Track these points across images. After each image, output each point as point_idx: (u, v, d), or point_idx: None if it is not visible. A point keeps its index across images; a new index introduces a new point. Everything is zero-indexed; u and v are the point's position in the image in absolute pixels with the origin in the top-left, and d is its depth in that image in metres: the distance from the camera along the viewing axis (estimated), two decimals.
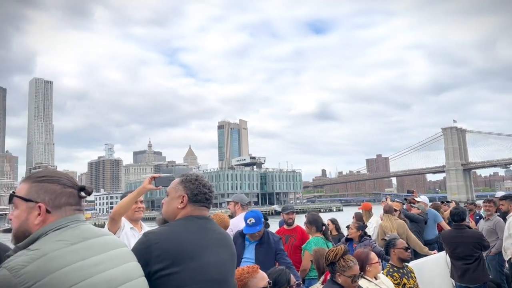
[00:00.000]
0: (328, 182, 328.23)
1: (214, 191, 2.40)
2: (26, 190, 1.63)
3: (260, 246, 4.56)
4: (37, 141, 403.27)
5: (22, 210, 1.61)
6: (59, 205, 1.62)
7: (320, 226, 5.59)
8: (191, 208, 2.25)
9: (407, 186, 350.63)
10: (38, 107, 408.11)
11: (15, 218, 1.62)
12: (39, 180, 1.64)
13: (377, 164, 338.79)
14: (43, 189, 1.62)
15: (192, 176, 2.31)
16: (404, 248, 4.76)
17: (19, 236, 1.60)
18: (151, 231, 2.16)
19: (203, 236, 2.19)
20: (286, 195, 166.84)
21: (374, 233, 7.69)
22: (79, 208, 1.69)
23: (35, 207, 1.60)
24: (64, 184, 1.66)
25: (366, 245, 5.87)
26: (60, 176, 1.69)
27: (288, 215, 6.02)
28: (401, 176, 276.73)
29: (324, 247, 5.10)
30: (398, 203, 8.77)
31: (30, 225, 1.59)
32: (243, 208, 5.50)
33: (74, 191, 1.68)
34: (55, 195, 1.62)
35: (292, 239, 5.84)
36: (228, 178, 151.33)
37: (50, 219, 1.60)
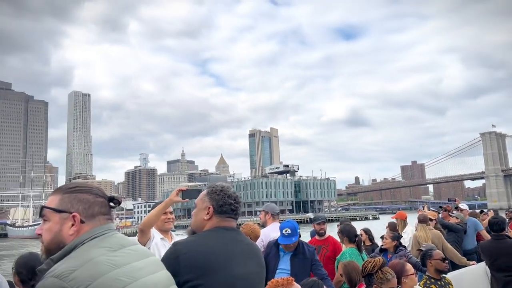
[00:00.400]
0: (362, 189, 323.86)
1: (241, 201, 2.40)
2: (58, 201, 1.63)
3: (295, 257, 4.45)
4: (76, 152, 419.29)
5: (54, 222, 1.60)
6: (92, 214, 1.64)
7: (353, 236, 5.54)
8: (217, 220, 2.26)
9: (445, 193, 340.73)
10: (77, 119, 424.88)
11: (47, 231, 1.60)
12: (71, 190, 1.66)
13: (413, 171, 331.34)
14: (76, 199, 1.63)
15: (218, 187, 2.34)
16: (442, 259, 4.62)
17: (52, 249, 1.59)
18: (180, 242, 2.19)
19: (231, 247, 2.18)
20: (321, 203, 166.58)
21: (409, 243, 7.45)
22: (110, 218, 1.72)
23: (68, 217, 1.59)
24: (96, 194, 1.69)
25: (402, 256, 5.73)
26: (91, 186, 1.73)
27: (320, 225, 5.95)
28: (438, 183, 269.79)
29: (358, 258, 5.10)
30: (434, 212, 8.55)
31: (65, 236, 1.58)
32: (274, 218, 5.43)
33: (105, 201, 1.71)
34: (89, 204, 1.64)
35: (325, 250, 5.77)
36: (262, 186, 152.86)
37: (84, 229, 1.61)
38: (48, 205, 1.63)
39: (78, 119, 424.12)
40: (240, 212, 2.37)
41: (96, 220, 1.64)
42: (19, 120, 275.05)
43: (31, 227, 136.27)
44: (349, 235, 5.52)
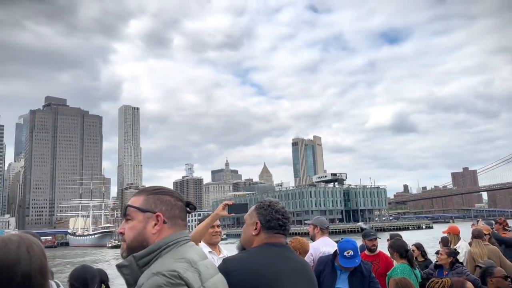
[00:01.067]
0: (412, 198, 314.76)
1: (290, 216, 2.36)
2: (142, 201, 1.69)
3: (354, 275, 4.19)
4: (126, 163, 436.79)
5: (138, 221, 1.66)
6: (173, 216, 1.68)
7: (404, 251, 5.25)
8: (265, 235, 2.23)
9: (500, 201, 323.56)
10: (127, 131, 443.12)
11: (130, 229, 1.66)
12: (155, 192, 1.72)
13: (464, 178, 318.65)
14: (160, 200, 1.68)
15: (265, 202, 2.32)
16: (503, 277, 4.26)
17: (135, 247, 1.63)
18: (230, 258, 2.18)
19: (281, 264, 2.14)
20: (371, 212, 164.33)
21: (464, 259, 6.88)
22: (185, 224, 1.74)
23: (152, 217, 1.65)
24: (176, 197, 1.73)
25: (459, 273, 5.32)
26: (171, 189, 1.77)
27: (372, 241, 5.71)
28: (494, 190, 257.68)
29: (410, 274, 4.90)
30: (487, 226, 7.90)
31: (148, 235, 1.63)
32: (323, 232, 5.24)
33: (183, 206, 1.74)
34: (171, 206, 1.69)
35: (376, 266, 5.49)
36: (311, 195, 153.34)
37: (166, 230, 1.65)
38: (132, 204, 1.69)
39: (128, 131, 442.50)
40: (289, 228, 2.33)
41: (176, 223, 1.69)
42: (76, 134, 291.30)
43: (92, 236, 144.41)
44: (400, 250, 5.27)
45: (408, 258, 5.20)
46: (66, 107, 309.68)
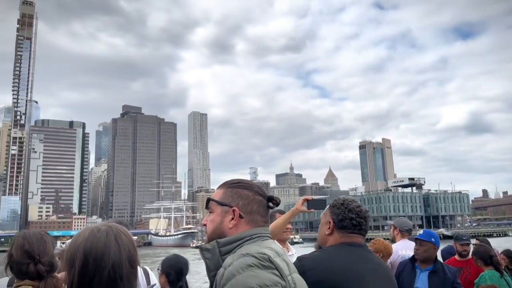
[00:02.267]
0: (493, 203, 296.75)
1: (368, 216, 2.27)
2: (221, 195, 1.70)
3: (434, 274, 3.94)
4: (196, 167, 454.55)
5: (217, 214, 1.68)
6: (250, 211, 1.66)
7: (488, 258, 4.89)
8: (339, 235, 2.19)
9: None
10: (196, 137, 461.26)
11: (210, 222, 1.69)
12: (234, 185, 1.71)
13: None
14: (237, 194, 1.67)
15: (339, 201, 2.28)
16: None
17: (214, 239, 1.66)
18: (305, 257, 2.13)
19: (359, 265, 2.07)
20: (452, 218, 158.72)
21: None
22: (266, 220, 1.71)
23: (229, 211, 1.65)
24: (256, 192, 1.69)
25: None
26: (251, 183, 1.74)
27: (463, 246, 5.34)
28: None
29: (500, 282, 4.61)
30: None
31: (225, 228, 1.65)
32: (403, 235, 5.02)
33: (264, 201, 1.70)
34: (248, 201, 1.66)
35: (466, 272, 5.15)
36: (389, 200, 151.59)
37: (243, 225, 1.64)
38: (213, 197, 1.72)
39: (197, 137, 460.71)
40: (367, 228, 2.25)
41: (254, 219, 1.66)
42: (154, 140, 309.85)
43: (174, 236, 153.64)
44: (484, 256, 4.91)
45: (494, 265, 4.83)
46: (144, 115, 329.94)
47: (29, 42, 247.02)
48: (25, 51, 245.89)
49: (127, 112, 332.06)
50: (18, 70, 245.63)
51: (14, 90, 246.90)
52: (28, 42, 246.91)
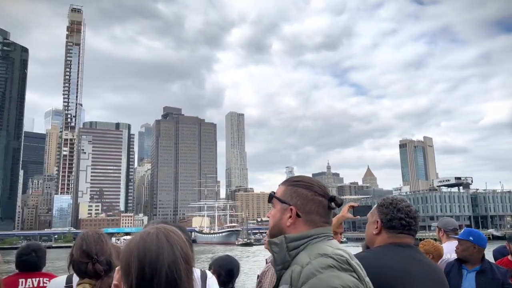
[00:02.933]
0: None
1: (417, 216, 2.22)
2: (282, 192, 1.72)
3: (482, 275, 3.69)
4: (233, 167, 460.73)
5: (277, 210, 1.71)
6: (308, 211, 1.64)
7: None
8: (387, 235, 2.15)
9: None
10: (234, 137, 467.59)
11: (272, 217, 1.73)
12: (294, 184, 1.71)
13: None
14: (296, 192, 1.67)
15: (387, 200, 2.23)
16: None
17: (274, 234, 1.69)
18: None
19: (408, 267, 2.00)
20: (502, 218, 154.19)
21: None
22: (326, 221, 1.67)
23: (287, 209, 1.67)
24: (315, 192, 1.66)
25: None
26: (313, 183, 1.71)
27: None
28: None
29: None
30: None
31: (283, 226, 1.67)
32: (448, 235, 4.82)
33: (324, 201, 1.66)
34: (307, 201, 1.65)
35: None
36: (436, 200, 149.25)
37: (300, 224, 1.64)
38: (276, 193, 1.74)
39: (234, 137, 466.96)
40: (417, 228, 2.20)
41: (312, 219, 1.64)
42: (195, 141, 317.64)
43: (219, 234, 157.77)
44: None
45: None
46: (185, 116, 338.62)
47: (77, 48, 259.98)
48: (74, 56, 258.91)
49: (168, 114, 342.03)
50: (68, 75, 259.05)
51: (64, 94, 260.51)
52: (76, 48, 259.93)
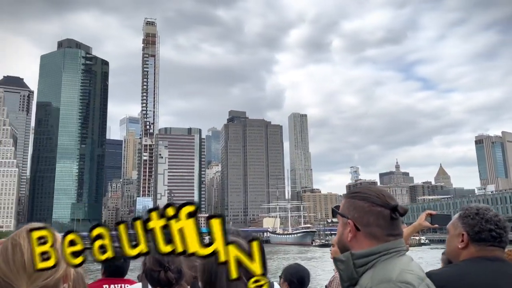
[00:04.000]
0: None
1: (507, 225, 2.03)
2: (342, 205, 1.68)
3: None
4: (298, 168, 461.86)
5: (340, 224, 1.67)
6: (367, 224, 1.57)
7: None
8: (475, 248, 1.95)
9: None
10: (297, 137, 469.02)
11: (337, 231, 1.70)
12: (351, 196, 1.66)
13: None
14: (353, 205, 1.62)
15: (472, 210, 2.02)
16: None
17: (340, 248, 1.65)
18: (435, 273, 1.92)
19: (500, 282, 1.82)
20: None
21: None
22: (391, 233, 1.56)
23: (346, 222, 1.62)
24: (373, 202, 1.58)
25: None
26: (370, 193, 1.62)
27: None
28: None
29: None
30: None
31: (345, 241, 1.61)
32: None
33: (384, 211, 1.56)
34: (363, 213, 1.58)
35: None
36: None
37: (361, 238, 1.57)
38: (336, 207, 1.70)
39: (297, 137, 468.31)
40: (507, 239, 2.01)
41: (371, 232, 1.56)
42: (262, 143, 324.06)
43: (293, 235, 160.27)
44: None
45: None
46: (251, 119, 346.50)
47: (153, 59, 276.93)
48: (150, 67, 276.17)
49: (233, 117, 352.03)
50: (145, 85, 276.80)
51: (143, 103, 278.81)
52: (152, 59, 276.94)
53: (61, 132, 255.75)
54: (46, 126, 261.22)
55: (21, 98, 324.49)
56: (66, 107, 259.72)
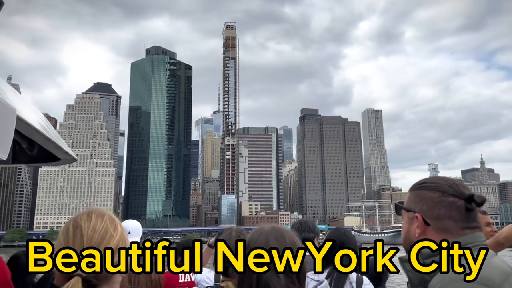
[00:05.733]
0: None
1: None
2: (407, 199, 1.50)
3: None
4: (373, 165, 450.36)
5: (405, 221, 1.49)
6: (437, 217, 1.38)
7: None
8: None
9: None
10: (371, 134, 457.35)
11: (402, 229, 1.52)
12: (418, 187, 1.48)
13: None
14: (420, 197, 1.44)
15: None
16: None
17: (406, 248, 1.47)
18: None
19: None
20: None
21: None
22: (467, 226, 1.37)
23: (413, 217, 1.44)
24: (444, 192, 1.39)
25: None
26: (440, 182, 1.43)
27: None
28: None
29: None
30: None
31: (412, 238, 1.44)
32: None
33: (458, 201, 1.37)
34: (433, 204, 1.40)
35: None
36: None
37: (431, 233, 1.39)
38: (400, 202, 1.53)
39: (372, 134, 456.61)
40: None
41: (443, 225, 1.38)
42: (339, 140, 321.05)
43: (382, 234, 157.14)
44: None
45: None
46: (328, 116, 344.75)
47: (233, 61, 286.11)
48: (231, 69, 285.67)
49: (306, 115, 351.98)
50: (227, 86, 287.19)
51: (225, 104, 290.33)
52: (232, 61, 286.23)
53: (152, 134, 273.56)
54: (138, 128, 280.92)
55: (110, 103, 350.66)
56: (155, 111, 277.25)
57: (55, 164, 2.51)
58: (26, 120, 1.77)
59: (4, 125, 1.53)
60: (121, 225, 1.42)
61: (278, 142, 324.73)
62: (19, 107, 1.73)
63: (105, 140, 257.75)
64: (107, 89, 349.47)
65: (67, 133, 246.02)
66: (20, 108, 1.76)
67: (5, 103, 1.55)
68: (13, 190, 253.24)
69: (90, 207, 1.47)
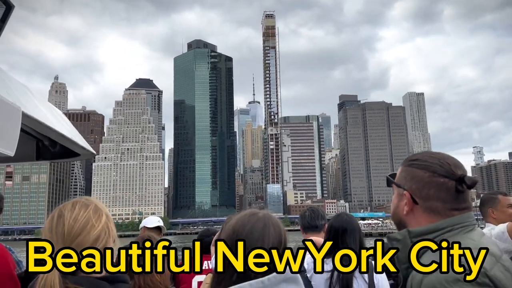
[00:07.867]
0: None
1: None
2: (398, 174, 1.48)
3: None
4: (416, 150, 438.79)
5: (395, 195, 1.48)
6: (426, 197, 1.36)
7: None
8: None
9: None
10: (414, 118, 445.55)
11: (392, 203, 1.51)
12: (409, 163, 1.44)
13: None
14: (411, 174, 1.41)
15: None
16: None
17: (395, 223, 1.48)
18: None
19: None
20: None
21: None
22: (456, 207, 1.33)
23: (403, 194, 1.42)
24: (434, 172, 1.35)
25: None
26: (431, 161, 1.38)
27: None
28: None
29: None
30: None
31: (401, 214, 1.43)
32: None
33: (449, 182, 1.33)
34: (422, 184, 1.37)
35: None
36: None
37: (419, 212, 1.37)
38: (391, 175, 1.51)
39: (414, 118, 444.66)
40: None
41: (430, 206, 1.35)
42: (383, 126, 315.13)
43: None
44: None
45: None
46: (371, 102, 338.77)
47: (273, 51, 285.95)
48: (271, 59, 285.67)
49: (344, 102, 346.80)
50: (268, 76, 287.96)
51: (266, 93, 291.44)
52: (273, 50, 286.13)
53: (197, 127, 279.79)
54: (182, 121, 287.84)
55: (153, 97, 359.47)
56: (199, 104, 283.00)
57: (75, 159, 2.65)
58: (35, 117, 1.84)
59: (10, 123, 1.60)
60: (108, 216, 1.49)
61: (320, 130, 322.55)
62: (30, 106, 1.82)
63: (153, 134, 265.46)
64: (149, 85, 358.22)
65: (117, 129, 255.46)
66: (30, 106, 1.85)
67: (10, 102, 1.60)
68: (68, 185, 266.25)
69: (78, 197, 1.60)
